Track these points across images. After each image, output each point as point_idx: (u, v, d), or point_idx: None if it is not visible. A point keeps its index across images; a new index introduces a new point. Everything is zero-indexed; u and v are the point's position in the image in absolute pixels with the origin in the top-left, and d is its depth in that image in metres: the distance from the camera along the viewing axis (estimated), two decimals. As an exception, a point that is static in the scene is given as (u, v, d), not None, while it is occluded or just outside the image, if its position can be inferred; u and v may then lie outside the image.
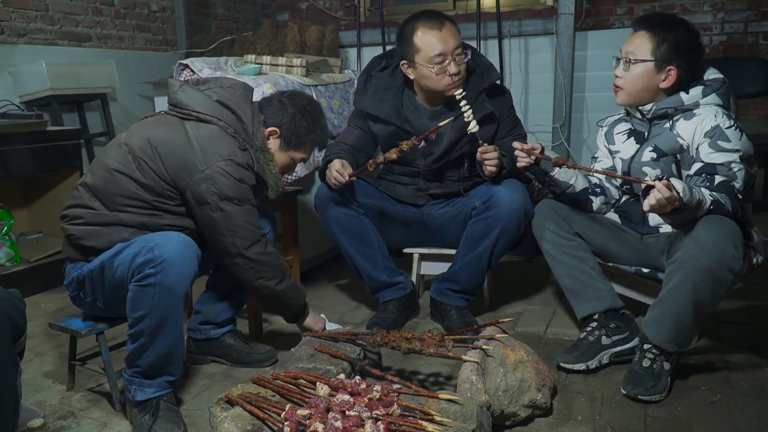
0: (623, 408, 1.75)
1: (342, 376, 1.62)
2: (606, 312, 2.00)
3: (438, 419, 1.40)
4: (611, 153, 2.09)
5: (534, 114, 3.83)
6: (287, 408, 1.43)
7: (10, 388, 1.37)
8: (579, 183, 2.07)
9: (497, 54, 3.55)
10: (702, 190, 1.70)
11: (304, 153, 1.93)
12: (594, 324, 2.00)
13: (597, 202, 2.11)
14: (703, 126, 1.81)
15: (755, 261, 1.85)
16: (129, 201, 1.72)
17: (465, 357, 1.64)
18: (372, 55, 2.47)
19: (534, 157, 1.97)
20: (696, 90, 1.87)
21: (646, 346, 1.85)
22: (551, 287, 2.73)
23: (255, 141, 1.82)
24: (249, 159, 1.78)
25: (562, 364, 1.94)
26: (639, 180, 1.76)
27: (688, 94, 1.87)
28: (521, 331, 2.29)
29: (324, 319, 2.07)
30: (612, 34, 3.97)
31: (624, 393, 1.79)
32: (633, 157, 1.98)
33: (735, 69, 3.67)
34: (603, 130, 2.13)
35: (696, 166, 1.81)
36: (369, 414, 1.41)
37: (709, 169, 1.77)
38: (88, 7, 3.76)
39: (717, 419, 1.68)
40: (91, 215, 1.73)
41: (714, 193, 1.72)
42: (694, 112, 1.86)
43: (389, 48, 2.30)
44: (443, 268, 2.38)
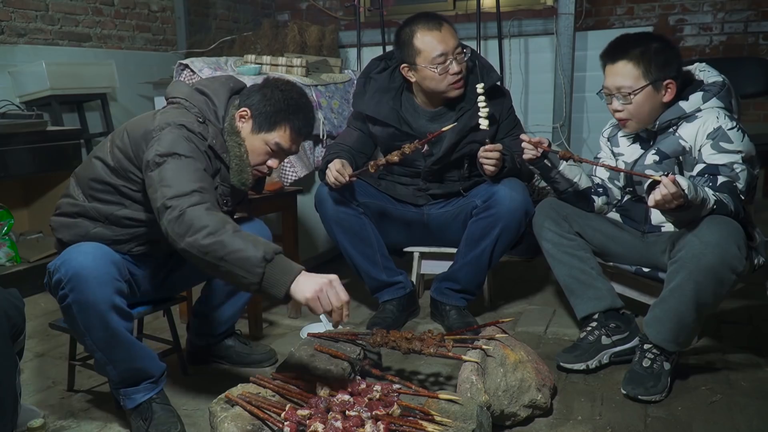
0: (623, 408, 1.75)
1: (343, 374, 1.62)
2: (606, 312, 2.00)
3: (438, 419, 1.40)
4: (614, 155, 2.08)
5: (534, 114, 3.84)
6: (287, 408, 1.44)
7: (9, 388, 1.37)
8: (582, 181, 2.07)
9: (497, 54, 3.55)
10: (706, 189, 1.70)
11: (277, 136, 1.74)
12: (594, 324, 2.00)
13: (599, 201, 2.11)
14: (706, 128, 1.81)
15: (756, 262, 1.85)
16: (99, 186, 1.70)
17: (465, 357, 1.64)
18: (372, 55, 2.48)
19: (540, 150, 1.97)
20: (696, 96, 1.85)
21: (646, 345, 1.85)
22: (551, 287, 2.73)
23: (224, 122, 1.76)
24: (205, 131, 1.69)
25: (562, 363, 1.94)
26: (644, 174, 1.74)
27: (687, 101, 1.85)
28: (521, 331, 2.29)
29: (340, 294, 1.42)
30: (612, 34, 3.93)
31: (624, 393, 1.79)
32: (636, 161, 1.98)
33: (735, 69, 3.66)
34: (607, 132, 2.13)
35: (698, 167, 1.81)
36: (369, 414, 1.41)
37: (712, 170, 1.76)
38: (88, 7, 3.76)
39: (717, 419, 1.68)
40: (67, 205, 1.74)
41: (717, 194, 1.72)
42: (696, 115, 1.84)
43: (389, 48, 2.30)
44: (443, 267, 2.38)
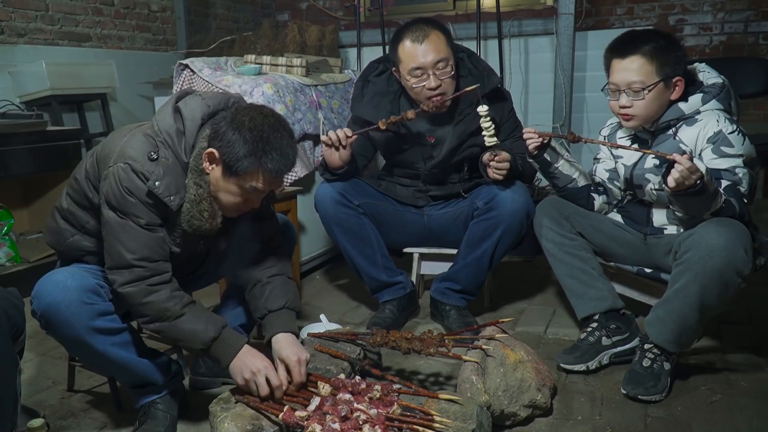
0: (623, 408, 1.75)
1: (342, 376, 1.62)
2: (607, 312, 2.00)
3: (438, 419, 1.40)
4: (614, 157, 2.08)
5: (534, 114, 3.84)
6: (285, 409, 1.43)
7: (9, 388, 1.37)
8: (581, 179, 2.07)
9: (497, 54, 3.55)
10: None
11: (251, 181, 1.48)
12: (594, 324, 2.00)
13: (599, 200, 2.11)
14: (706, 131, 1.80)
15: (758, 262, 1.85)
16: (76, 187, 1.61)
17: (465, 357, 1.64)
18: (372, 55, 2.48)
19: (544, 140, 1.97)
20: (695, 98, 1.84)
21: (646, 346, 1.85)
22: (551, 287, 2.73)
23: (186, 157, 1.50)
24: (153, 169, 1.46)
25: (562, 365, 1.94)
26: (662, 154, 1.71)
27: (687, 102, 1.84)
28: (521, 331, 2.29)
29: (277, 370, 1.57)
30: (612, 34, 3.93)
31: (624, 393, 1.79)
32: (636, 164, 1.97)
33: (735, 69, 3.67)
34: (605, 132, 2.12)
35: None
36: (376, 411, 1.41)
37: (715, 174, 1.75)
38: (88, 7, 3.76)
39: (717, 419, 1.68)
40: (60, 209, 1.68)
41: (724, 195, 1.71)
42: (696, 117, 1.83)
43: (389, 47, 2.30)
44: (443, 268, 2.38)
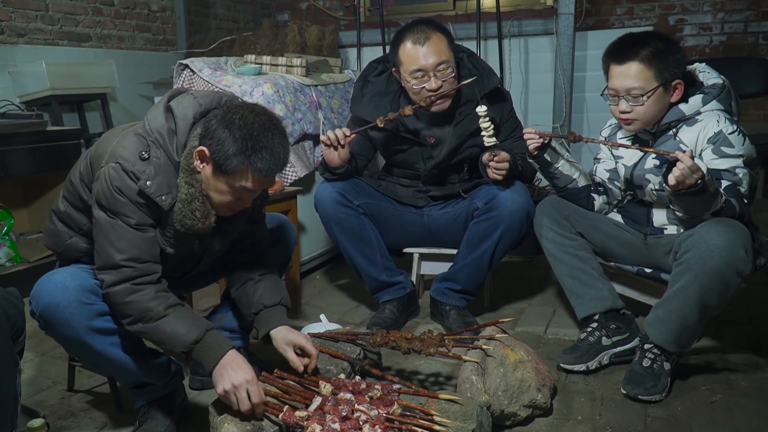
0: (623, 408, 1.75)
1: (342, 376, 1.62)
2: (607, 312, 2.00)
3: (438, 419, 1.40)
4: (614, 157, 2.07)
5: (534, 114, 3.84)
6: (285, 409, 1.43)
7: (9, 387, 1.37)
8: (581, 180, 2.07)
9: (497, 54, 3.55)
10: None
11: (241, 181, 1.47)
12: (594, 324, 2.00)
13: (599, 200, 2.11)
14: (706, 132, 1.80)
15: (758, 262, 1.85)
16: (72, 189, 1.60)
17: (465, 357, 1.64)
18: (372, 55, 2.48)
19: (545, 140, 1.97)
20: (695, 99, 1.84)
21: (646, 346, 1.85)
22: (551, 287, 2.73)
23: (178, 156, 1.50)
24: (144, 169, 1.45)
25: (562, 365, 1.94)
26: (664, 152, 1.71)
27: (687, 103, 1.84)
28: (521, 331, 2.29)
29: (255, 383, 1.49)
30: (612, 34, 3.93)
31: (624, 393, 1.79)
32: (636, 164, 1.97)
33: (735, 69, 3.67)
34: (605, 132, 2.12)
35: None
36: (377, 412, 1.41)
37: (715, 175, 1.75)
38: (88, 7, 3.76)
39: (717, 419, 1.68)
40: (57, 211, 1.66)
41: (724, 195, 1.71)
42: (696, 118, 1.83)
43: (389, 48, 2.30)
44: (443, 268, 2.38)
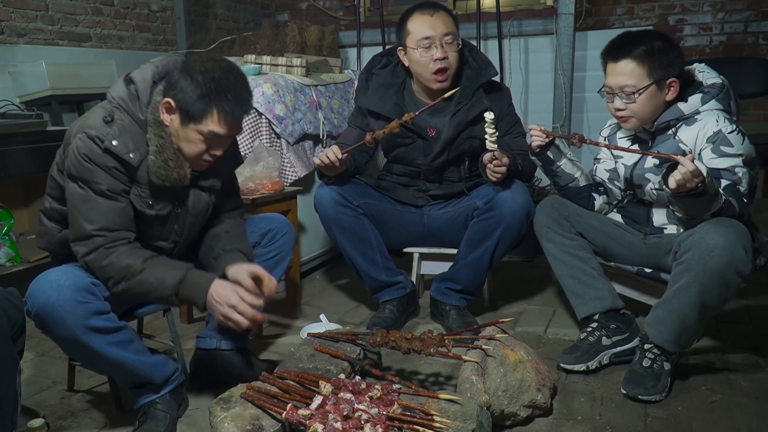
0: (623, 408, 1.75)
1: (342, 376, 1.62)
2: (607, 312, 2.00)
3: (438, 419, 1.40)
4: (614, 157, 2.07)
5: (534, 114, 3.83)
6: (288, 408, 1.44)
7: (9, 387, 1.37)
8: (582, 179, 2.07)
9: (497, 54, 3.55)
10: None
11: (209, 125, 1.52)
12: (594, 324, 2.00)
13: (599, 200, 2.11)
14: (705, 131, 1.80)
15: (758, 262, 1.85)
16: (52, 183, 1.62)
17: (465, 357, 1.64)
18: (372, 56, 2.48)
19: (549, 138, 1.98)
20: (695, 98, 1.84)
21: (646, 345, 1.85)
22: (551, 287, 2.73)
23: (144, 113, 1.55)
24: (108, 131, 1.50)
25: (562, 364, 1.94)
26: (666, 155, 1.71)
27: (686, 102, 1.84)
28: (521, 331, 2.29)
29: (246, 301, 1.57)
30: (612, 34, 3.93)
31: (624, 393, 1.79)
32: (636, 164, 1.97)
33: (735, 69, 3.67)
34: (605, 132, 2.12)
35: None
36: (378, 411, 1.41)
37: (714, 174, 1.75)
38: (88, 7, 3.76)
39: (717, 419, 1.68)
40: (44, 210, 1.66)
41: (724, 194, 1.71)
42: (695, 117, 1.84)
43: (396, 30, 2.34)
44: (443, 267, 2.38)
